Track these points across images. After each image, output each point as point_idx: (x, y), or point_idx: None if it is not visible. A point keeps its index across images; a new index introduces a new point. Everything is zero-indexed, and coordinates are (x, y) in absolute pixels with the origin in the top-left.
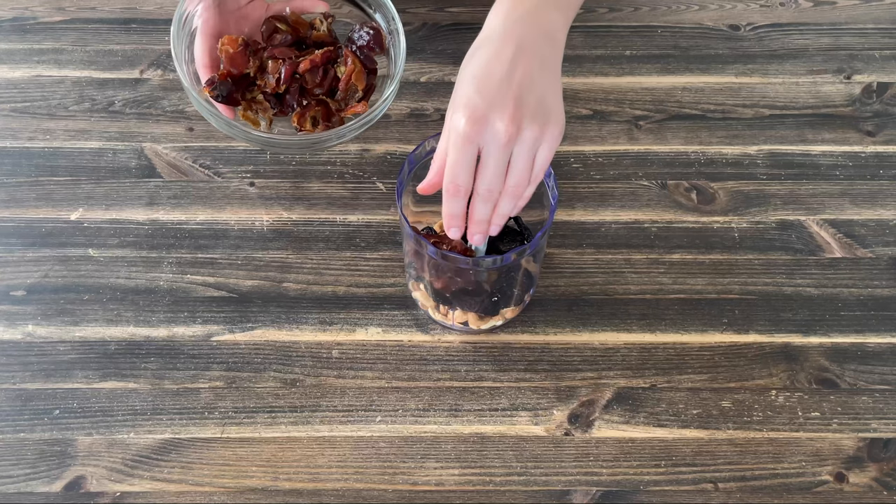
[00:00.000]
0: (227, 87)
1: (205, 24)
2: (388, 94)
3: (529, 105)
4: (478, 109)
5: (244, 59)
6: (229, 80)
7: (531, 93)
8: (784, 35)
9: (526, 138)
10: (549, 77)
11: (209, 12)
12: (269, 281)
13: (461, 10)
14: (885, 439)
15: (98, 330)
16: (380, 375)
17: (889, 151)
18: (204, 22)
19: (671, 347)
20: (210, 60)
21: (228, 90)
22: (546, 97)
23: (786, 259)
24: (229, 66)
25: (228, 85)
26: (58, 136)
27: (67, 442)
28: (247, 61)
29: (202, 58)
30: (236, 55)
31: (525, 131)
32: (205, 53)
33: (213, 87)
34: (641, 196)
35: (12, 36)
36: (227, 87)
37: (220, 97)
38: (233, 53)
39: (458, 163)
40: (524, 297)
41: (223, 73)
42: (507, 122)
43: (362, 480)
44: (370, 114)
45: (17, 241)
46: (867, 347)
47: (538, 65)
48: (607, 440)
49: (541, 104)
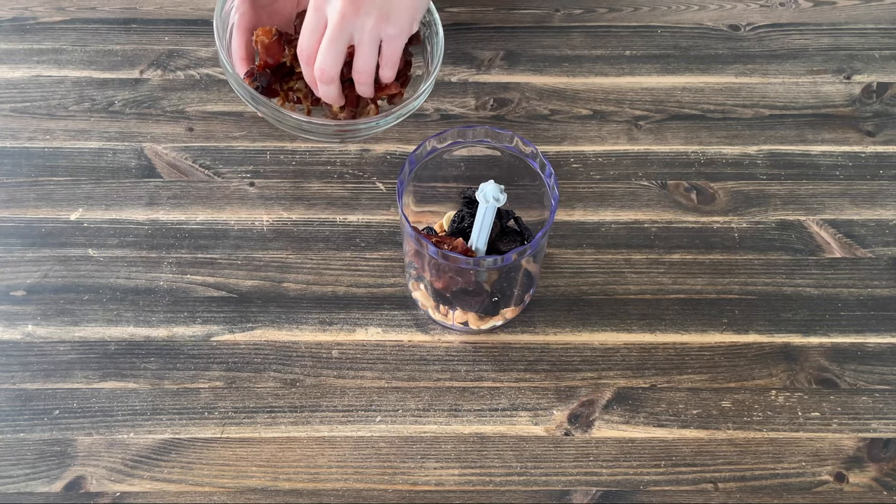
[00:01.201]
0: (266, 77)
1: (241, 18)
2: (426, 86)
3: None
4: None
5: (279, 49)
6: (268, 71)
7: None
8: (784, 35)
9: (365, 27)
10: None
11: (245, 6)
12: (268, 281)
13: (461, 10)
14: (885, 439)
15: (98, 330)
16: (380, 375)
17: (889, 151)
18: (241, 16)
19: (671, 347)
20: (246, 53)
21: (268, 81)
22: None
23: (786, 259)
24: (265, 56)
25: (267, 75)
26: (57, 136)
27: (67, 442)
28: (282, 50)
29: (238, 51)
30: (271, 45)
31: (364, 19)
32: (241, 47)
33: (253, 79)
34: (641, 196)
35: (12, 36)
36: (266, 78)
37: (261, 88)
38: (268, 44)
39: (307, 28)
40: (524, 298)
41: (261, 65)
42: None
43: (362, 480)
44: (407, 104)
45: (16, 241)
46: (867, 347)
47: None
48: (607, 440)
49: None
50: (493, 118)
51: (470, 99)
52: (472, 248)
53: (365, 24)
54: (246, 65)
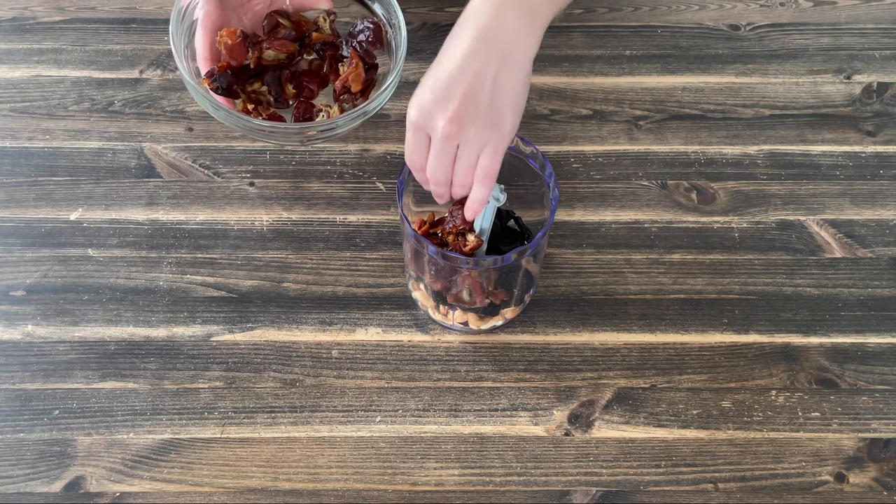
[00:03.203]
0: (226, 78)
1: (206, 17)
2: (388, 84)
3: (478, 104)
4: (424, 103)
5: (243, 51)
6: (229, 73)
7: (482, 91)
8: (784, 35)
9: (469, 138)
10: (509, 75)
11: (210, 5)
12: (268, 281)
13: (461, 10)
14: (885, 439)
15: (97, 330)
16: (379, 375)
17: (889, 151)
18: (205, 15)
19: (671, 347)
20: (210, 54)
21: (228, 82)
22: (499, 98)
23: (786, 259)
24: (229, 57)
25: (228, 77)
26: (57, 136)
27: (67, 442)
28: (246, 52)
29: (202, 51)
30: (235, 46)
31: (467, 130)
32: (205, 47)
33: (212, 80)
34: (641, 196)
35: (12, 36)
36: (226, 79)
37: (220, 89)
38: (232, 45)
39: (410, 145)
40: (524, 298)
41: (223, 66)
42: (446, 121)
43: (362, 481)
44: (368, 104)
45: (16, 241)
46: (867, 347)
47: (498, 60)
48: (607, 440)
49: (491, 104)
50: None
51: None
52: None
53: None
54: (209, 65)
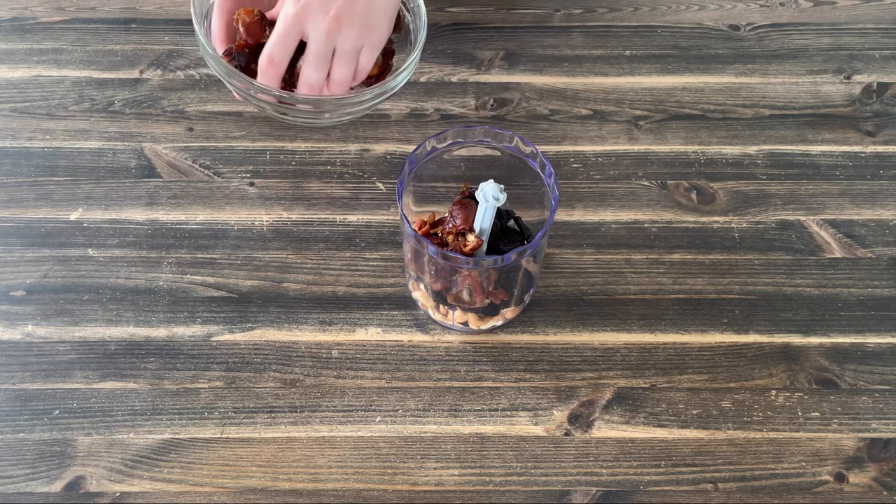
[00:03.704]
0: (244, 57)
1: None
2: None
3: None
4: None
5: (260, 29)
6: (246, 51)
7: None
8: (784, 35)
9: (349, 37)
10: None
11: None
12: (268, 281)
13: (461, 9)
14: (885, 439)
15: (98, 330)
16: (380, 375)
17: (889, 151)
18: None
19: (671, 347)
20: (226, 34)
21: (246, 60)
22: (374, 4)
23: (786, 259)
24: (246, 36)
25: (246, 55)
26: (57, 136)
27: (67, 442)
28: (263, 31)
29: (218, 32)
30: (252, 24)
31: (347, 30)
32: (221, 28)
33: (231, 58)
34: (641, 196)
35: (12, 36)
36: (244, 58)
37: (239, 68)
38: (249, 23)
39: (280, 36)
40: (524, 298)
41: (240, 44)
42: (329, 18)
43: (362, 480)
44: (387, 83)
45: (16, 241)
46: (867, 347)
47: None
48: (607, 440)
49: (368, 9)
50: (493, 118)
51: (470, 99)
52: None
53: (348, 37)
54: (225, 45)
